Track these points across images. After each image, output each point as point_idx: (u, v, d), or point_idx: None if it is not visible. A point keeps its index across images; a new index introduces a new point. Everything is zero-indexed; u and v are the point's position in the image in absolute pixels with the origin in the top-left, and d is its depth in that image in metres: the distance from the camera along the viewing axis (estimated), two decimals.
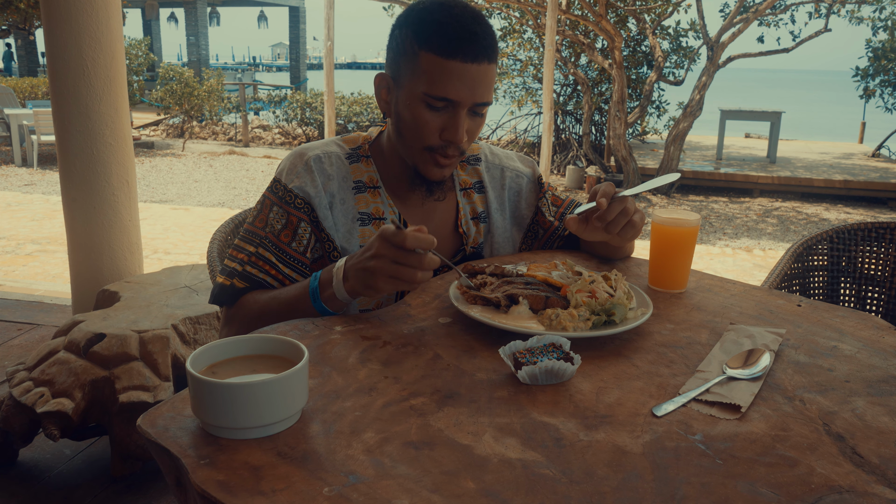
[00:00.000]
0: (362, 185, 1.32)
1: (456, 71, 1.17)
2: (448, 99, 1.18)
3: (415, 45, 1.19)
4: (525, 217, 1.49)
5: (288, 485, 0.68)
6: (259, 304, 1.21)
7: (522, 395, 0.87)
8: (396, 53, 1.23)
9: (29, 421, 2.07)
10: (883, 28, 10.50)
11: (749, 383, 0.91)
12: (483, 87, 1.20)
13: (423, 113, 1.20)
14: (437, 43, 1.16)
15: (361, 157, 1.34)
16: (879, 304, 1.98)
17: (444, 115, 1.21)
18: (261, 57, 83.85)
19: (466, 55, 1.16)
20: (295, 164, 1.30)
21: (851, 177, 9.18)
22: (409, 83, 1.21)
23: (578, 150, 10.35)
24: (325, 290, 1.12)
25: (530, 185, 1.50)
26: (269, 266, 1.24)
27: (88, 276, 2.87)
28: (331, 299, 1.12)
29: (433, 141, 1.22)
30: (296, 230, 1.26)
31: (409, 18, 1.22)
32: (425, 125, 1.21)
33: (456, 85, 1.17)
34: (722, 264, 5.62)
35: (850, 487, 0.71)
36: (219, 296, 1.26)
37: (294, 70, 23.99)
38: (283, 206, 1.27)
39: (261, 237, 1.26)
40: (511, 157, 1.52)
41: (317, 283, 1.13)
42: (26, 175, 8.76)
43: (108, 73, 2.75)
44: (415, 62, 1.19)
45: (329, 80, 6.54)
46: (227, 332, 1.26)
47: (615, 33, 8.57)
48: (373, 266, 1.04)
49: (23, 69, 17.72)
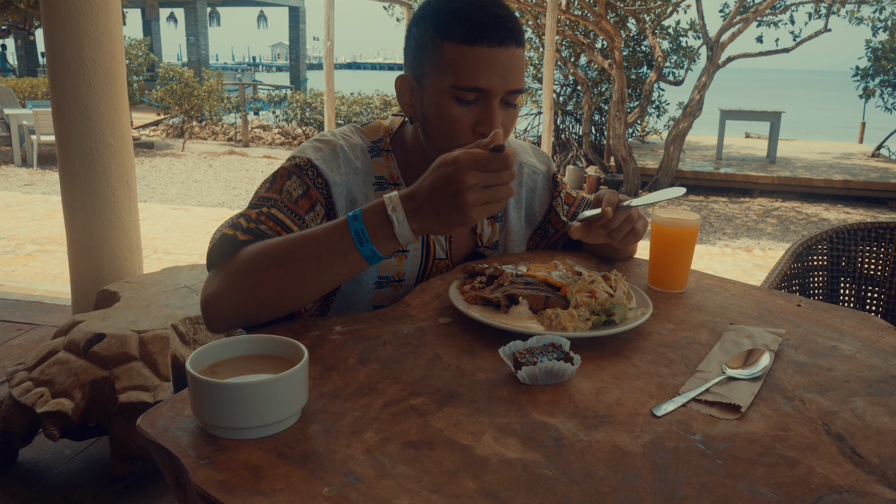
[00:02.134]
0: (384, 181, 1.25)
1: (483, 57, 1.09)
2: (479, 88, 1.11)
3: (436, 39, 1.13)
4: (537, 215, 1.46)
5: (288, 485, 0.68)
6: (265, 247, 1.02)
7: (522, 395, 0.87)
8: (416, 52, 1.17)
9: (29, 421, 2.07)
10: (883, 28, 10.51)
11: (749, 383, 0.91)
12: (515, 71, 1.12)
13: (453, 108, 1.13)
14: (460, 30, 1.10)
15: (382, 151, 1.27)
16: (879, 304, 1.98)
17: (477, 108, 1.13)
18: (261, 57, 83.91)
19: (493, 39, 1.09)
20: (320, 146, 1.21)
21: (851, 177, 9.18)
22: (433, 79, 1.14)
23: (578, 150, 10.35)
24: (379, 230, 0.96)
25: (545, 183, 1.46)
26: (280, 227, 1.10)
27: (88, 276, 2.87)
28: (386, 241, 0.96)
29: (467, 138, 1.13)
30: (313, 205, 1.16)
31: (425, 13, 1.16)
32: (456, 122, 1.13)
33: (485, 72, 1.10)
34: (722, 264, 5.62)
35: (850, 487, 0.71)
36: (218, 247, 1.08)
37: (294, 70, 24.01)
38: (303, 176, 1.16)
39: (274, 200, 1.14)
40: (526, 150, 1.46)
41: (362, 224, 0.96)
42: (26, 175, 8.76)
43: (108, 73, 2.75)
44: (438, 56, 1.13)
45: (329, 80, 6.54)
46: (213, 284, 1.04)
47: (615, 33, 8.57)
48: (465, 202, 0.91)
49: (23, 69, 17.72)
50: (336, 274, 1.00)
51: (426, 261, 1.29)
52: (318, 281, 1.00)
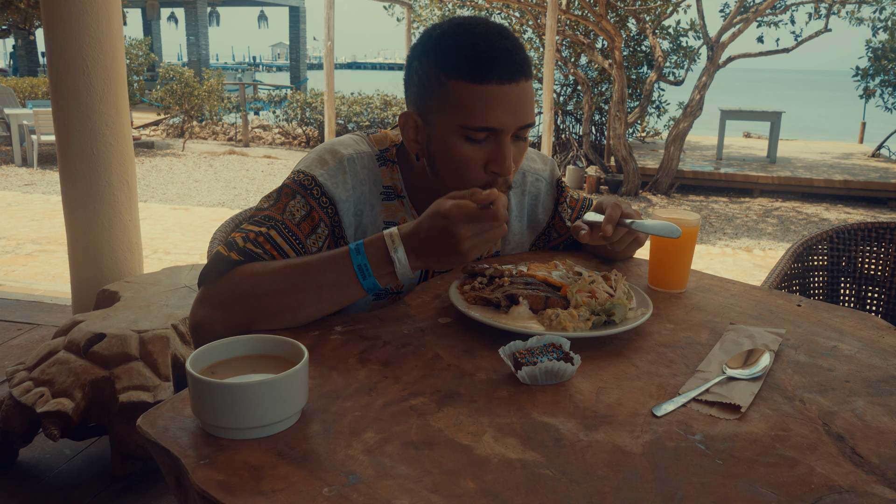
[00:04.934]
0: (391, 191, 1.22)
1: (493, 95, 1.05)
2: (490, 128, 1.07)
3: (440, 76, 1.08)
4: (541, 222, 1.43)
5: (288, 485, 0.68)
6: (264, 272, 1.01)
7: (522, 395, 0.87)
8: (420, 88, 1.12)
9: (29, 421, 2.07)
10: (883, 28, 10.51)
11: (749, 383, 0.91)
12: (525, 107, 1.09)
13: (463, 148, 1.09)
14: (467, 68, 1.05)
15: (388, 162, 1.23)
16: (879, 304, 1.98)
17: (487, 147, 1.09)
18: (261, 57, 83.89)
19: (503, 76, 1.05)
20: (326, 159, 1.18)
21: (851, 177, 9.18)
22: (440, 118, 1.09)
23: (578, 150, 10.35)
24: (382, 266, 1.00)
25: (548, 189, 1.43)
26: (276, 251, 1.08)
27: (88, 276, 2.87)
28: (387, 276, 1.01)
29: (479, 178, 1.10)
30: (315, 227, 1.13)
31: (426, 47, 1.11)
32: (467, 162, 1.10)
33: (496, 111, 1.06)
34: (722, 264, 5.62)
35: (850, 487, 0.71)
36: (211, 267, 1.06)
37: (294, 70, 24.01)
38: (307, 196, 1.14)
39: (276, 220, 1.11)
40: (530, 156, 1.42)
41: (365, 259, 0.99)
42: (26, 175, 8.76)
43: (109, 73, 2.75)
44: (444, 94, 1.08)
45: (329, 80, 6.54)
46: (205, 310, 1.03)
47: (615, 33, 8.57)
48: (461, 250, 0.97)
49: (23, 69, 17.72)
50: (336, 302, 1.03)
51: (425, 273, 1.29)
52: (317, 308, 1.03)
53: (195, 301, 1.06)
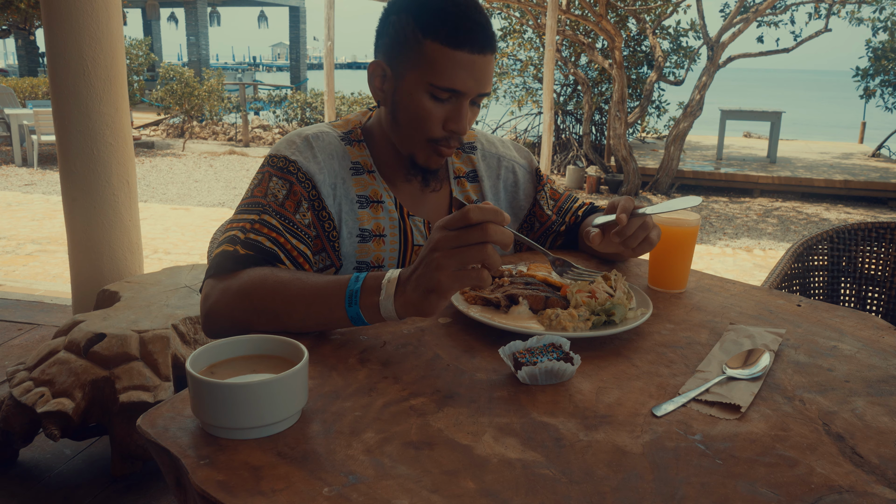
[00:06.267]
0: (359, 166, 1.28)
1: (463, 62, 1.15)
2: (455, 90, 1.16)
3: (418, 34, 1.15)
4: (522, 208, 1.48)
5: (288, 485, 0.68)
6: (276, 280, 1.03)
7: (522, 395, 0.87)
8: (394, 41, 1.19)
9: (29, 421, 2.07)
10: (883, 28, 10.51)
11: (749, 383, 0.91)
12: (487, 77, 1.19)
13: (427, 103, 1.18)
14: (445, 33, 1.14)
15: (354, 142, 1.31)
16: (879, 304, 1.98)
17: (448, 106, 1.19)
18: (261, 57, 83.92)
19: (474, 46, 1.15)
20: (293, 140, 1.25)
21: (851, 177, 9.18)
22: (411, 73, 1.18)
23: (578, 150, 10.35)
24: (368, 296, 0.95)
25: (528, 176, 1.49)
26: (275, 233, 1.14)
27: (88, 276, 2.87)
28: (371, 308, 0.96)
29: (436, 132, 1.20)
30: (299, 204, 1.19)
31: (408, 4, 1.18)
32: (428, 116, 1.19)
33: (463, 76, 1.15)
34: (722, 264, 5.62)
35: (850, 487, 0.71)
36: (219, 265, 1.09)
37: (294, 70, 24.01)
38: (285, 175, 1.20)
39: (263, 205, 1.17)
40: (507, 145, 1.50)
41: (359, 285, 0.97)
42: (26, 175, 8.76)
43: (109, 73, 2.75)
44: (418, 51, 1.16)
45: (329, 80, 6.53)
46: (215, 296, 1.06)
47: (615, 33, 8.57)
48: (434, 260, 0.89)
49: (23, 69, 17.73)
50: (321, 323, 1.01)
51: (405, 247, 1.30)
52: (304, 325, 1.02)
53: (206, 289, 1.09)
